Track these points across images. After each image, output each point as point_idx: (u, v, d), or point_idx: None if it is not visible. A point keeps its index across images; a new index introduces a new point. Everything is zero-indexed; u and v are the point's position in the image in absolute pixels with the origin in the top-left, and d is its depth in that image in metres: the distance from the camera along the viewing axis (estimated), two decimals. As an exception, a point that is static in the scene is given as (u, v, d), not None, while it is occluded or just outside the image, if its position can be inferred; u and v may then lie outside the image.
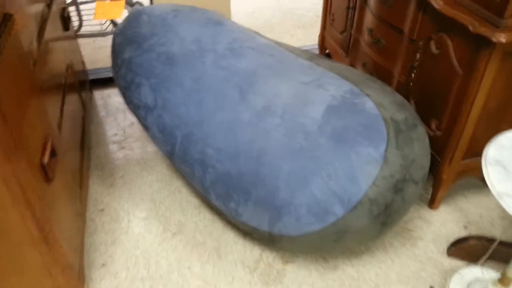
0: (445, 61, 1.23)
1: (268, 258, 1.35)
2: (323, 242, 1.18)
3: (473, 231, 1.41)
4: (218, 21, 1.45)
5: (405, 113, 1.21)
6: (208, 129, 1.25)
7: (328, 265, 1.33)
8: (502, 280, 1.14)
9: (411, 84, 1.43)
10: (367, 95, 1.21)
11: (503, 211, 1.48)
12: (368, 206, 1.10)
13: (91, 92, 2.13)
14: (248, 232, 1.35)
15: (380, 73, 1.59)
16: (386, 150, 1.11)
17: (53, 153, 1.11)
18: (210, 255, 1.36)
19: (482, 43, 1.07)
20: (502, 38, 1.01)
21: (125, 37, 1.44)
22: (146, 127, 1.43)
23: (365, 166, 1.09)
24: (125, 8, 1.79)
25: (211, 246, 1.38)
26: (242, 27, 1.50)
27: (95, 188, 1.61)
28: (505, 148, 0.94)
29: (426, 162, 1.22)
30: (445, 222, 1.44)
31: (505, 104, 1.20)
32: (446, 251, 1.34)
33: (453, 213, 1.47)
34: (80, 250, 1.30)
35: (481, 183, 1.57)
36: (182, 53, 1.35)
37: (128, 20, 1.48)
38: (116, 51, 1.46)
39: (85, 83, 2.00)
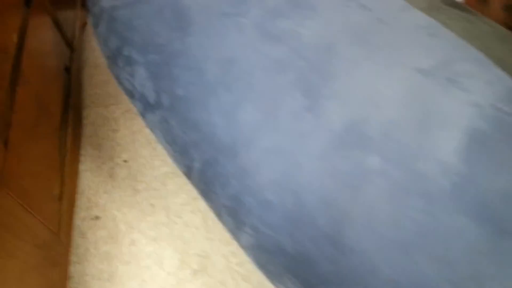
0: None
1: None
2: None
3: None
4: None
5: None
6: (247, 162, 0.70)
7: None
8: None
9: None
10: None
11: None
12: None
13: (84, 13, 1.53)
14: None
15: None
16: None
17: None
18: (247, 315, 0.93)
19: None
20: None
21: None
22: (147, 125, 0.89)
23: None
24: None
25: (248, 299, 0.95)
26: None
27: (87, 178, 1.15)
28: None
29: None
30: None
31: None
32: None
33: None
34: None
35: None
36: (202, 5, 0.74)
37: None
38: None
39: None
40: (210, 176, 0.75)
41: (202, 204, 1.08)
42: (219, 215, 0.80)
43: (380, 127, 0.65)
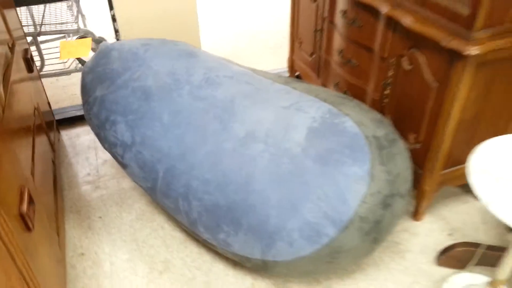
0: (418, 76, 1.27)
1: (260, 286, 1.31)
2: (317, 265, 1.16)
3: (459, 237, 1.44)
4: (190, 52, 1.45)
5: (384, 129, 1.23)
6: (192, 161, 1.22)
7: (322, 287, 1.31)
8: (492, 283, 1.15)
9: (386, 100, 1.46)
10: (346, 114, 1.23)
11: (484, 216, 1.52)
12: (359, 224, 1.10)
13: (59, 133, 2.06)
14: (238, 262, 1.32)
15: (353, 91, 1.62)
16: (371, 167, 1.12)
17: (31, 201, 1.05)
18: (202, 291, 1.31)
19: (455, 56, 1.11)
20: (473, 50, 1.05)
21: (95, 75, 1.41)
22: (124, 165, 1.38)
23: (353, 185, 1.09)
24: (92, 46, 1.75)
25: (201, 280, 1.34)
26: (215, 56, 1.50)
27: (72, 232, 1.53)
28: (488, 156, 0.97)
29: (409, 175, 1.24)
30: (430, 231, 1.46)
31: (480, 114, 1.25)
32: (435, 260, 1.36)
33: (437, 222, 1.49)
34: (63, 300, 1.22)
35: (460, 191, 1.62)
36: (158, 86, 1.33)
37: (97, 57, 1.45)
38: (86, 89, 1.41)
39: (51, 124, 1.93)
40: (170, 177, 1.25)
41: (161, 232, 1.50)
42: (176, 204, 1.26)
43: (263, 131, 1.21)
